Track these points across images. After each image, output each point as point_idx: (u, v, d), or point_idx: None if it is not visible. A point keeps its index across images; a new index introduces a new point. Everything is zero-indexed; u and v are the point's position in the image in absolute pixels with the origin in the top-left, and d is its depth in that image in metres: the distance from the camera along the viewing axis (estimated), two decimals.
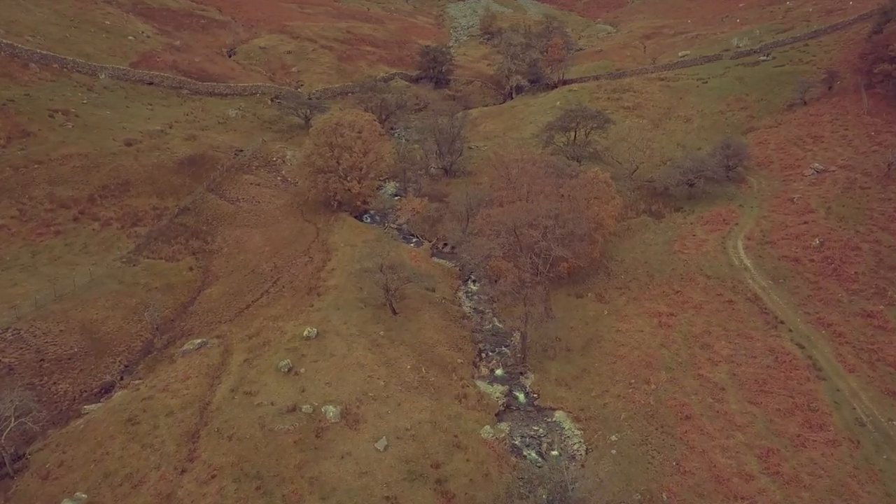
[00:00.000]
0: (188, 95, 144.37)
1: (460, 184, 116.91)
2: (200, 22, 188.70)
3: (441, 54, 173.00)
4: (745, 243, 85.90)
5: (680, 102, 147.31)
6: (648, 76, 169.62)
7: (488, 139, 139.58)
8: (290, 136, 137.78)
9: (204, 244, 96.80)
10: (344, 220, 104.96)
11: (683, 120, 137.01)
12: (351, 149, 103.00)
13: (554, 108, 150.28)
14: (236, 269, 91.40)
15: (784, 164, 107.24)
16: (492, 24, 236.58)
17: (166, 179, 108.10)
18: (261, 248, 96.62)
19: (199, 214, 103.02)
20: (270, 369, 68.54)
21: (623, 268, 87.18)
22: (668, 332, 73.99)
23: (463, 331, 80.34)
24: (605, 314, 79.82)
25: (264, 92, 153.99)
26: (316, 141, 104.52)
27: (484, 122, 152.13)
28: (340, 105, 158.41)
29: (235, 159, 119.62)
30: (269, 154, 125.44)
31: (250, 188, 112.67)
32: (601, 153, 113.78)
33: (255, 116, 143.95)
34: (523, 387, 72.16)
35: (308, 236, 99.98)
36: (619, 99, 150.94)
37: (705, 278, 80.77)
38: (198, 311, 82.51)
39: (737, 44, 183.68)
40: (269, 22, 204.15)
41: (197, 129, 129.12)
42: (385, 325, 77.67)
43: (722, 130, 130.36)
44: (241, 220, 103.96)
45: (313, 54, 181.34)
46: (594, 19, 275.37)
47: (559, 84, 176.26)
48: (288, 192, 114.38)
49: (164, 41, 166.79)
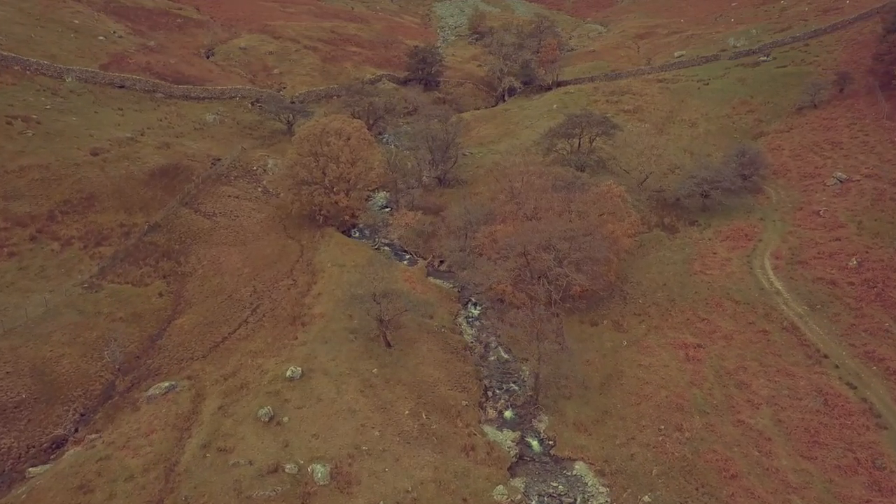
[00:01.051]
0: (162, 99, 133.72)
1: (456, 194, 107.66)
2: (177, 21, 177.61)
3: (430, 55, 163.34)
4: (772, 263, 77.38)
5: (682, 105, 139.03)
6: (646, 77, 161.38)
7: (483, 145, 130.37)
8: (271, 142, 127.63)
9: (176, 265, 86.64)
10: (331, 235, 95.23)
11: (688, 124, 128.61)
12: (338, 159, 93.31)
13: (551, 112, 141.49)
14: (212, 294, 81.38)
15: (802, 173, 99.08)
16: (481, 23, 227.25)
17: (136, 192, 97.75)
18: (239, 269, 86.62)
19: (172, 231, 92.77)
20: (249, 418, 58.88)
21: (640, 291, 78.25)
22: (698, 367, 65.18)
23: (466, 365, 70.99)
24: (624, 345, 70.86)
25: (244, 95, 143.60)
26: (299, 150, 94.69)
27: (477, 127, 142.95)
28: (325, 109, 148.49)
29: (212, 169, 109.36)
30: (249, 163, 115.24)
31: (228, 201, 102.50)
32: (606, 161, 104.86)
33: (234, 121, 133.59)
34: (537, 432, 62.97)
35: (291, 255, 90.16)
36: (618, 102, 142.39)
37: (733, 304, 72.08)
38: (167, 345, 72.42)
39: (734, 44, 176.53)
40: (250, 21, 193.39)
41: (171, 136, 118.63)
42: (379, 361, 68.21)
43: (730, 135, 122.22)
44: (218, 237, 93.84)
45: (296, 55, 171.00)
46: (584, 19, 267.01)
47: (553, 86, 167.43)
48: (269, 205, 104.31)
49: (138, 41, 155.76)
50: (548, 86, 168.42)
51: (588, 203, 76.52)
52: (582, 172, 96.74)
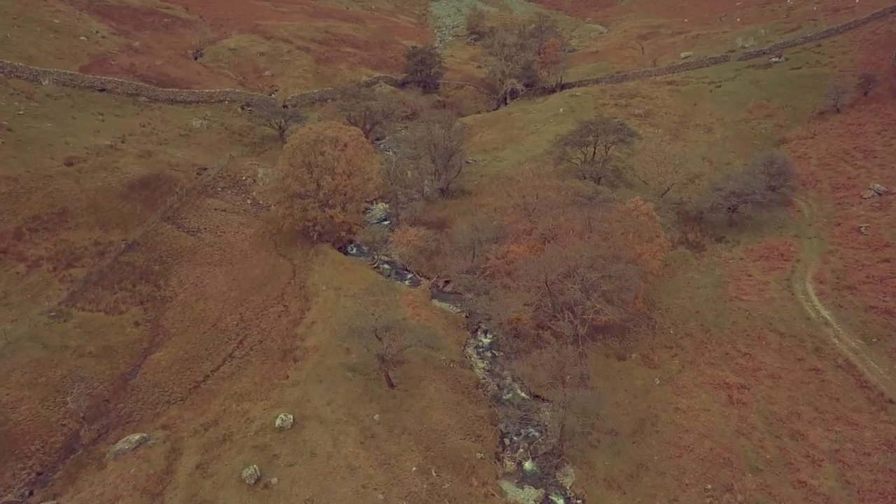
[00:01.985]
0: (146, 103, 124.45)
1: (460, 206, 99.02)
2: (164, 21, 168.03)
3: (429, 56, 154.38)
4: (816, 287, 69.06)
5: (695, 109, 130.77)
6: (654, 79, 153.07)
7: (486, 152, 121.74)
8: (262, 149, 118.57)
9: (155, 289, 77.67)
10: (325, 253, 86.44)
11: (704, 129, 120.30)
12: (333, 170, 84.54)
13: (557, 116, 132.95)
14: (193, 323, 72.47)
15: (834, 184, 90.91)
16: (479, 23, 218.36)
17: (113, 207, 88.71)
18: (225, 293, 77.73)
19: (152, 250, 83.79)
20: (232, 480, 50.15)
21: (670, 319, 69.76)
22: (744, 412, 56.79)
23: (479, 407, 62.30)
24: (657, 384, 62.37)
25: (233, 99, 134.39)
26: (291, 160, 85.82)
27: (479, 132, 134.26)
28: (319, 113, 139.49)
29: (198, 180, 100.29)
30: (237, 172, 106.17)
31: (214, 215, 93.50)
32: (622, 171, 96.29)
33: (222, 127, 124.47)
34: (563, 489, 54.42)
35: (283, 276, 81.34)
36: (627, 105, 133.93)
37: (777, 336, 63.70)
38: (141, 385, 63.50)
39: (742, 44, 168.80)
40: (241, 21, 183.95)
41: (154, 144, 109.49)
42: (380, 404, 59.53)
43: (750, 142, 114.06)
44: (203, 256, 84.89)
45: (289, 56, 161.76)
46: (583, 18, 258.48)
47: (557, 88, 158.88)
48: (259, 219, 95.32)
49: (122, 42, 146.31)
50: (551, 88, 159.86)
51: (612, 222, 67.99)
52: (598, 184, 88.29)
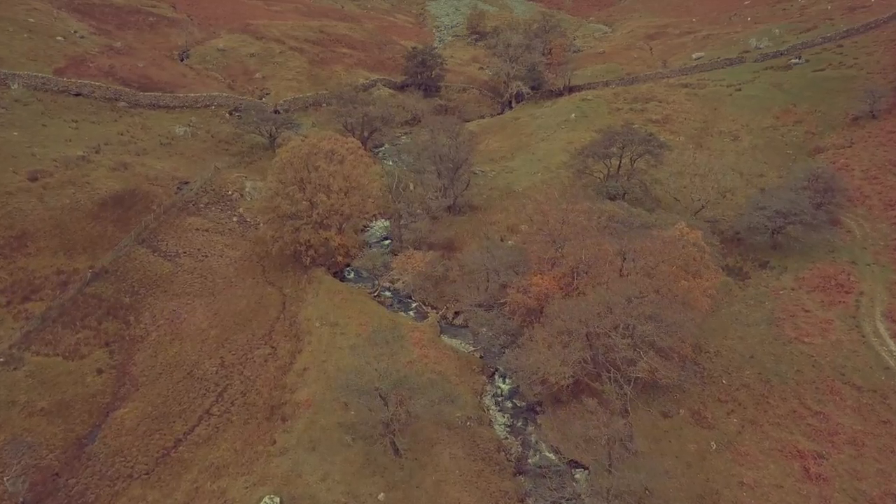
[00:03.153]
0: (125, 109, 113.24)
1: (467, 223, 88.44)
2: (149, 20, 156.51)
3: (431, 57, 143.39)
4: (890, 328, 58.72)
5: (716, 114, 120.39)
6: (667, 82, 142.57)
7: (494, 161, 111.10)
8: (250, 159, 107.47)
9: (124, 327, 66.74)
10: (320, 280, 75.64)
11: (729, 137, 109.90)
12: (329, 187, 73.77)
13: (569, 122, 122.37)
14: (167, 369, 61.61)
15: (886, 200, 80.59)
16: (479, 22, 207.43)
17: (80, 228, 77.73)
18: (205, 331, 66.86)
19: (122, 279, 72.84)
20: None
21: (721, 365, 59.25)
22: (825, 490, 46.41)
23: (502, 479, 51.58)
24: (714, 449, 51.90)
25: (221, 103, 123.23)
26: (281, 176, 75.00)
27: (485, 139, 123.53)
28: (313, 118, 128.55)
29: (178, 196, 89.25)
30: (222, 186, 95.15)
31: (196, 236, 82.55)
32: (650, 186, 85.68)
33: (208, 134, 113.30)
34: None
35: (271, 309, 70.55)
36: (643, 110, 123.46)
37: (853, 390, 53.36)
38: (100, 453, 52.64)
39: (756, 44, 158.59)
40: (231, 20, 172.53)
41: (131, 154, 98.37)
42: (385, 479, 48.90)
43: (781, 151, 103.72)
44: (181, 285, 73.98)
45: (281, 57, 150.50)
46: (585, 18, 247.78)
47: (565, 91, 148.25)
48: (246, 240, 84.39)
49: (102, 42, 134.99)
50: (558, 91, 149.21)
51: (654, 252, 57.50)
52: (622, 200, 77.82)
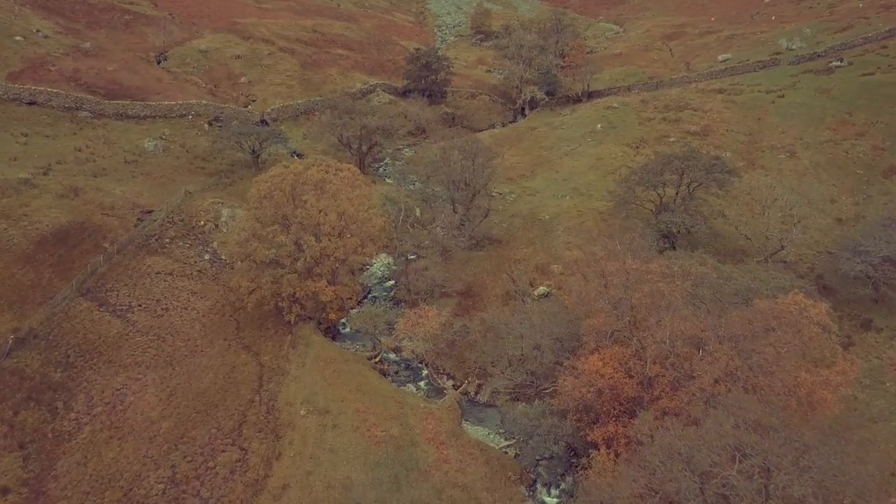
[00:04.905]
0: (87, 120, 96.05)
1: (487, 261, 71.78)
2: (124, 18, 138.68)
3: (436, 60, 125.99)
4: None
5: (761, 125, 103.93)
6: (697, 86, 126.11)
7: (512, 180, 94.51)
8: (230, 180, 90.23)
9: (48, 418, 49.72)
10: (307, 342, 58.81)
11: (784, 153, 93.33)
12: (319, 227, 57.00)
13: (595, 134, 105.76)
14: (97, 487, 44.68)
15: None
16: (485, 21, 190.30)
17: (8, 276, 60.69)
18: (154, 423, 49.92)
19: (55, 346, 55.79)
20: None
21: None
22: None
23: None
24: None
25: (199, 112, 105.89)
26: (258, 213, 58.16)
27: (499, 152, 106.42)
28: (304, 129, 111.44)
29: (138, 229, 72.13)
30: (194, 215, 77.93)
31: (156, 282, 65.46)
32: (708, 218, 68.74)
33: (182, 149, 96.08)
34: None
35: (243, 388, 53.71)
36: (677, 120, 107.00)
37: None
38: None
39: (788, 45, 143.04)
40: (217, 18, 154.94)
41: (87, 176, 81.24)
42: None
43: (849, 171, 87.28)
44: (131, 351, 56.99)
45: (269, 59, 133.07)
46: (594, 17, 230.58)
47: (583, 97, 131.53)
48: (218, 284, 67.29)
49: (68, 43, 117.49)
50: (576, 97, 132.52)
51: (756, 331, 41.08)
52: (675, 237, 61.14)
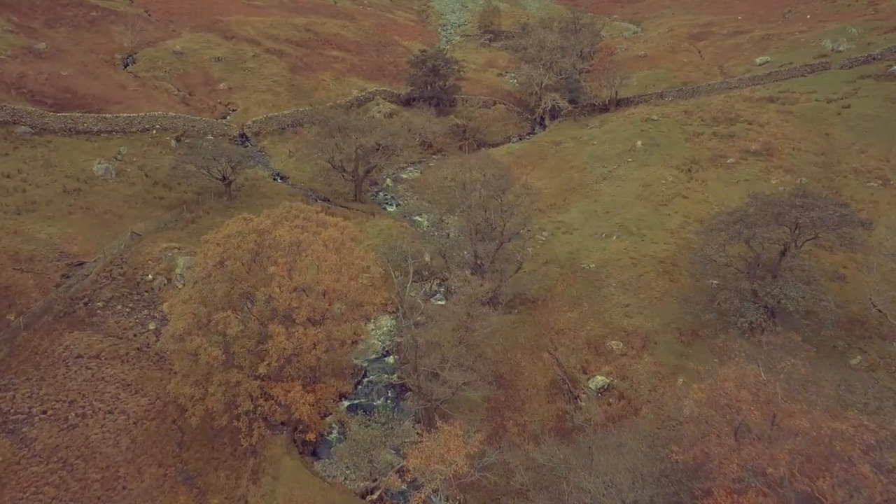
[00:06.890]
0: (26, 137, 77.32)
1: (520, 329, 53.41)
2: (91, 15, 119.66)
3: (444, 63, 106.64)
4: None
5: (831, 143, 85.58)
6: (741, 94, 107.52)
7: (541, 212, 75.88)
8: (194, 215, 71.14)
9: None
10: (276, 471, 40.27)
11: (876, 180, 74.78)
12: (290, 313, 38.41)
13: (635, 152, 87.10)
14: None
15: None
16: (493, 20, 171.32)
17: None
18: None
19: None
20: None
21: None
22: None
23: None
24: None
25: (166, 126, 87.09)
26: (205, 292, 39.45)
27: (520, 174, 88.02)
28: (291, 146, 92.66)
29: (61, 290, 53.49)
30: (140, 266, 59.14)
31: (73, 372, 46.85)
32: (818, 282, 50.08)
33: (140, 172, 77.34)
34: None
35: None
36: (731, 136, 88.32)
37: None
38: None
39: (833, 47, 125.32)
40: (198, 16, 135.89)
41: (8, 213, 62.40)
42: None
43: None
44: (22, 485, 38.52)
45: (254, 62, 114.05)
46: (608, 16, 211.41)
47: (611, 105, 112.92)
48: (163, 371, 48.80)
49: (20, 43, 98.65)
50: (603, 105, 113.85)
51: None
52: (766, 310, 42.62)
